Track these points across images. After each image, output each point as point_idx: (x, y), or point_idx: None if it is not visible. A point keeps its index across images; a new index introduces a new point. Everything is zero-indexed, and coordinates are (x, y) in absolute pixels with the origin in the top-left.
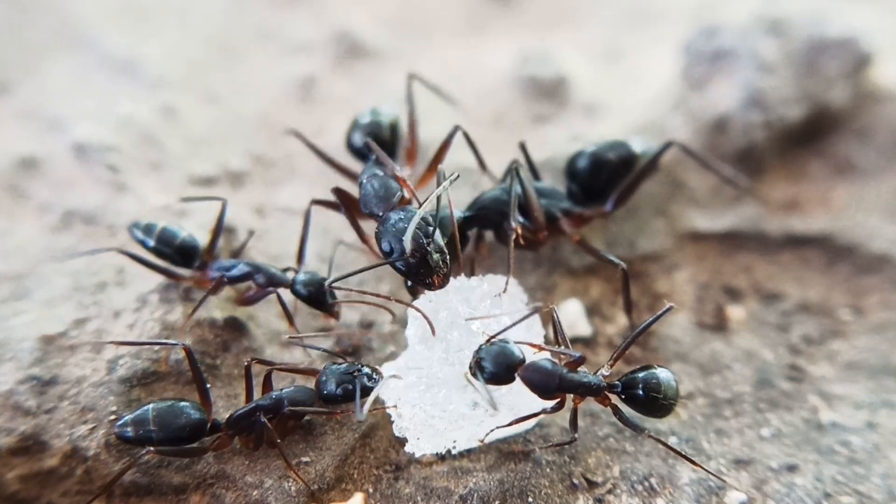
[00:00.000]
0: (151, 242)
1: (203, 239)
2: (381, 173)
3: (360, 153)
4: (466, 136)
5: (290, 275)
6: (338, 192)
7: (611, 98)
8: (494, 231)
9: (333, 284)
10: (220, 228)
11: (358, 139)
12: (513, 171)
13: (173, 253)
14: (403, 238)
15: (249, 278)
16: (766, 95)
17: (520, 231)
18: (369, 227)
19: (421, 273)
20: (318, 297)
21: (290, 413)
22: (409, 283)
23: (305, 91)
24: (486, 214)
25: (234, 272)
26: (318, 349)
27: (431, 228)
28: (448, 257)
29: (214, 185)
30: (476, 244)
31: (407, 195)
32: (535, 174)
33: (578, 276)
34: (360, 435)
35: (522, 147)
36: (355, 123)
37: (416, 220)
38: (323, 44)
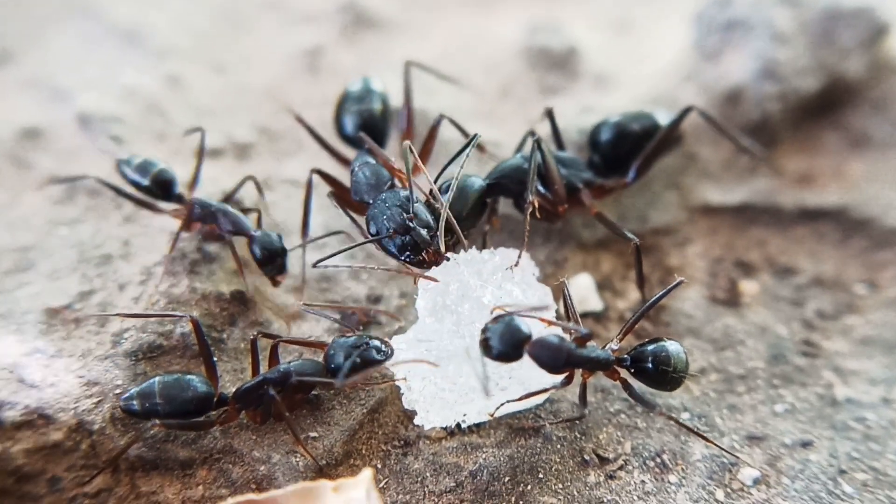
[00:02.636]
0: (131, 174)
1: None
2: (372, 161)
3: (352, 140)
4: (453, 122)
5: (252, 224)
6: (333, 194)
7: (621, 69)
8: (514, 200)
9: (320, 264)
10: (200, 161)
11: (350, 127)
12: (534, 142)
13: (151, 185)
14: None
15: (216, 218)
16: (780, 66)
17: (536, 203)
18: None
19: (408, 252)
20: (270, 260)
21: (297, 384)
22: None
23: (312, 62)
24: (506, 183)
25: (204, 207)
26: (333, 319)
27: (413, 204)
28: (438, 233)
29: (220, 157)
30: (489, 217)
31: (398, 184)
32: (560, 142)
33: (589, 250)
34: (368, 410)
35: (549, 114)
36: (345, 108)
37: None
38: (330, 14)
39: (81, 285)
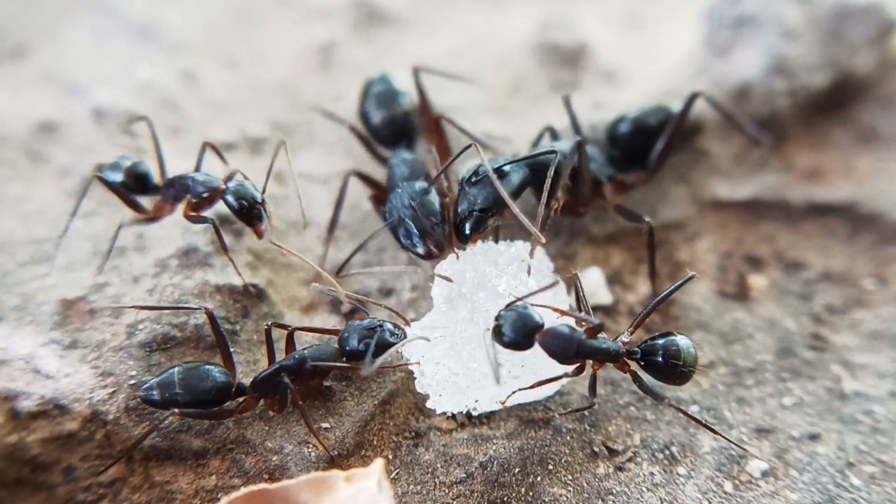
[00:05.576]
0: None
1: None
2: (408, 156)
3: (383, 139)
4: (451, 121)
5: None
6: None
7: (632, 65)
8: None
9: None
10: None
11: (386, 131)
12: (575, 144)
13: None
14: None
15: (188, 187)
16: (789, 62)
17: (562, 202)
18: None
19: (409, 241)
20: (247, 209)
21: (312, 369)
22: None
23: (325, 57)
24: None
25: (173, 182)
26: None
27: (417, 194)
28: (442, 225)
29: (233, 151)
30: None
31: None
32: (578, 131)
33: (599, 244)
34: (380, 402)
35: (566, 101)
36: (377, 109)
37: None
38: (342, 9)
39: (96, 277)
